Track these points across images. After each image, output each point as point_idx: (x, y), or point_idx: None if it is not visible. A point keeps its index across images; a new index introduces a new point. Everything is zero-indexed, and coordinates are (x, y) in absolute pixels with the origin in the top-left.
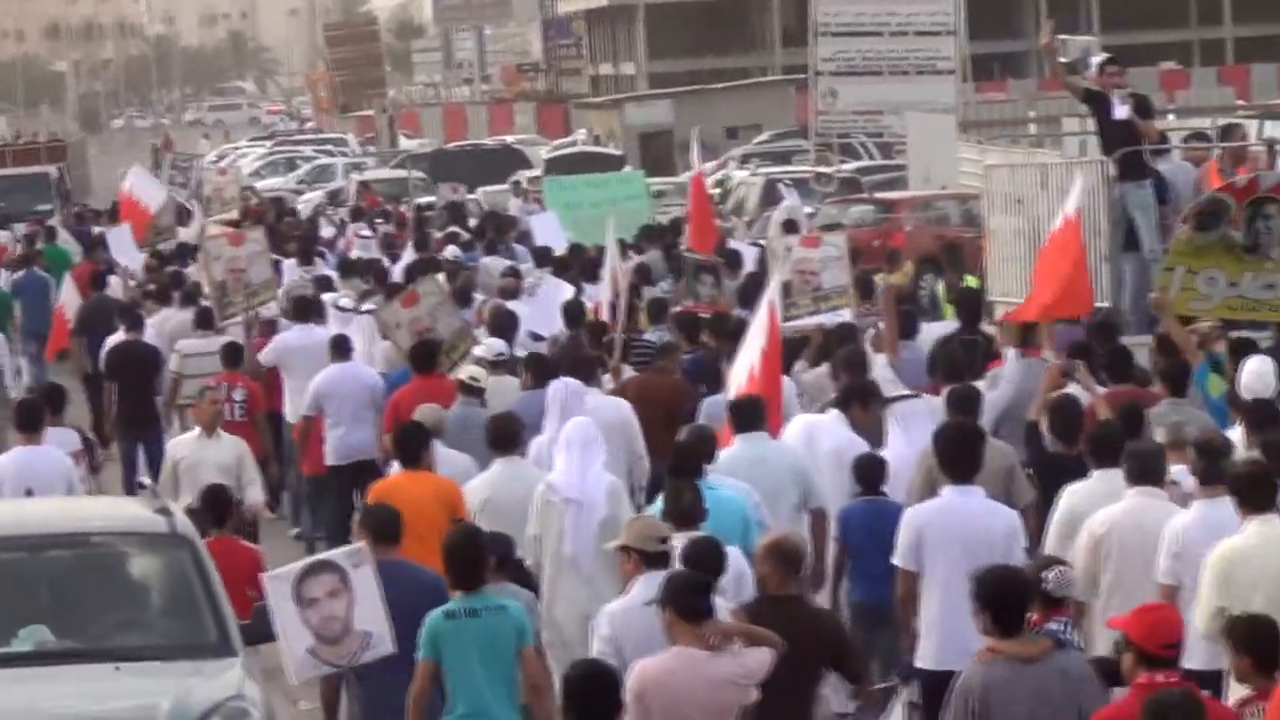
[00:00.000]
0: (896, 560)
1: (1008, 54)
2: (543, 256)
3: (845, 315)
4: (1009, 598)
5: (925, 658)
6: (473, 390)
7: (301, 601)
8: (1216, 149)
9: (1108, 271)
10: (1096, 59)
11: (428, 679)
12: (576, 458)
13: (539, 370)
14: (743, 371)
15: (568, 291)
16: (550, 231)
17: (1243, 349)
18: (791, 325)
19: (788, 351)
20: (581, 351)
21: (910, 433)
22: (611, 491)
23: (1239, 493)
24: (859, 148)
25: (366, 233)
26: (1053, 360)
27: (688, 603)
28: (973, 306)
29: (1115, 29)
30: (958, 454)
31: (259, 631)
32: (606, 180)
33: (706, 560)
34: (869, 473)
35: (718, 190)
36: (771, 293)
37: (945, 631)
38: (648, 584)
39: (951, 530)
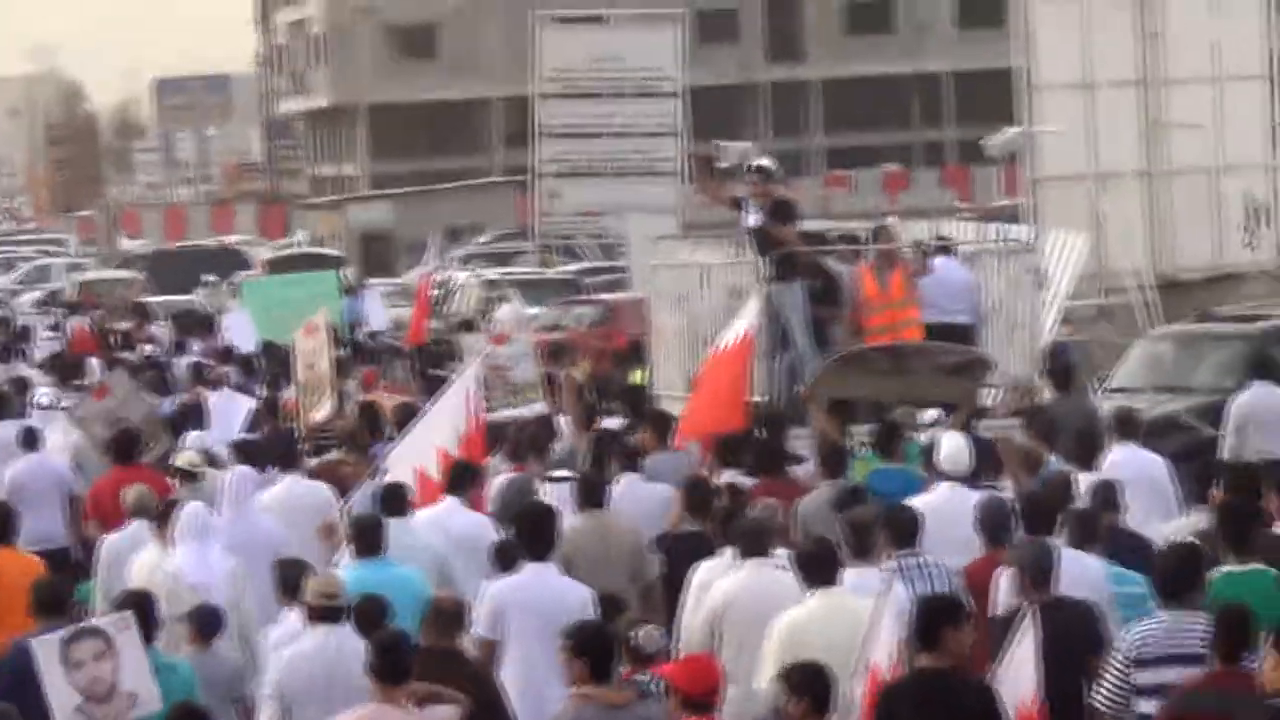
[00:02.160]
0: (478, 630)
1: None
2: (224, 355)
3: (538, 407)
4: (600, 649)
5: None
6: (191, 475)
7: (69, 664)
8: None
9: (761, 369)
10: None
11: None
12: (195, 545)
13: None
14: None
15: (243, 403)
16: (242, 331)
17: (891, 433)
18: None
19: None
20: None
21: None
22: (233, 575)
23: (802, 567)
24: (580, 250)
25: (49, 334)
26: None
27: (383, 666)
28: (635, 400)
29: (838, 130)
30: (534, 533)
31: None
32: (301, 280)
33: (370, 619)
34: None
35: (439, 291)
36: (468, 381)
37: (525, 692)
38: (315, 636)
39: (529, 604)
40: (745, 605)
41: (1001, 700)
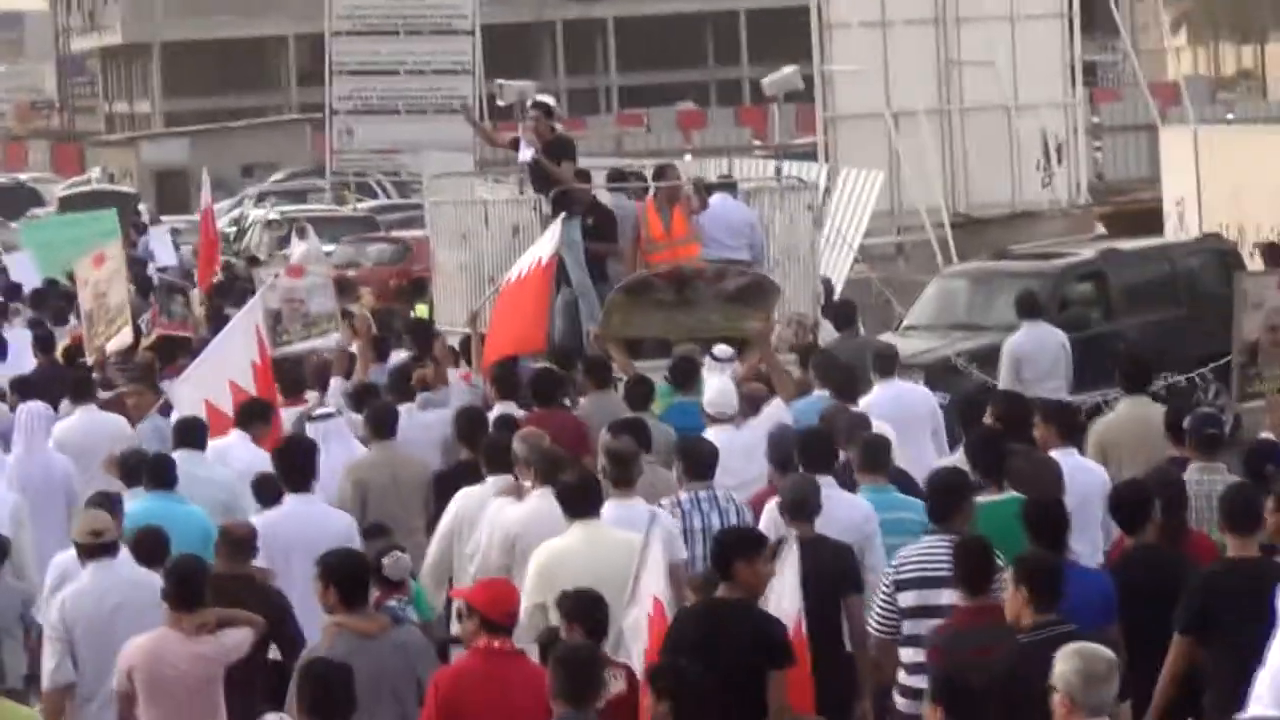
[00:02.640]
0: (260, 562)
1: None
2: (13, 292)
3: (334, 339)
4: (350, 576)
5: None
6: None
7: None
8: (652, 188)
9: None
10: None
11: None
12: None
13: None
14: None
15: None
16: (26, 270)
17: (688, 368)
18: (282, 351)
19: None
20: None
21: (329, 447)
22: (14, 511)
23: (562, 500)
24: (376, 186)
25: None
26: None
27: (175, 592)
28: (421, 334)
29: (633, 69)
30: (292, 466)
31: None
32: (79, 219)
33: (146, 552)
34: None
35: (234, 228)
36: (255, 315)
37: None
38: (89, 573)
39: (291, 535)
40: (539, 532)
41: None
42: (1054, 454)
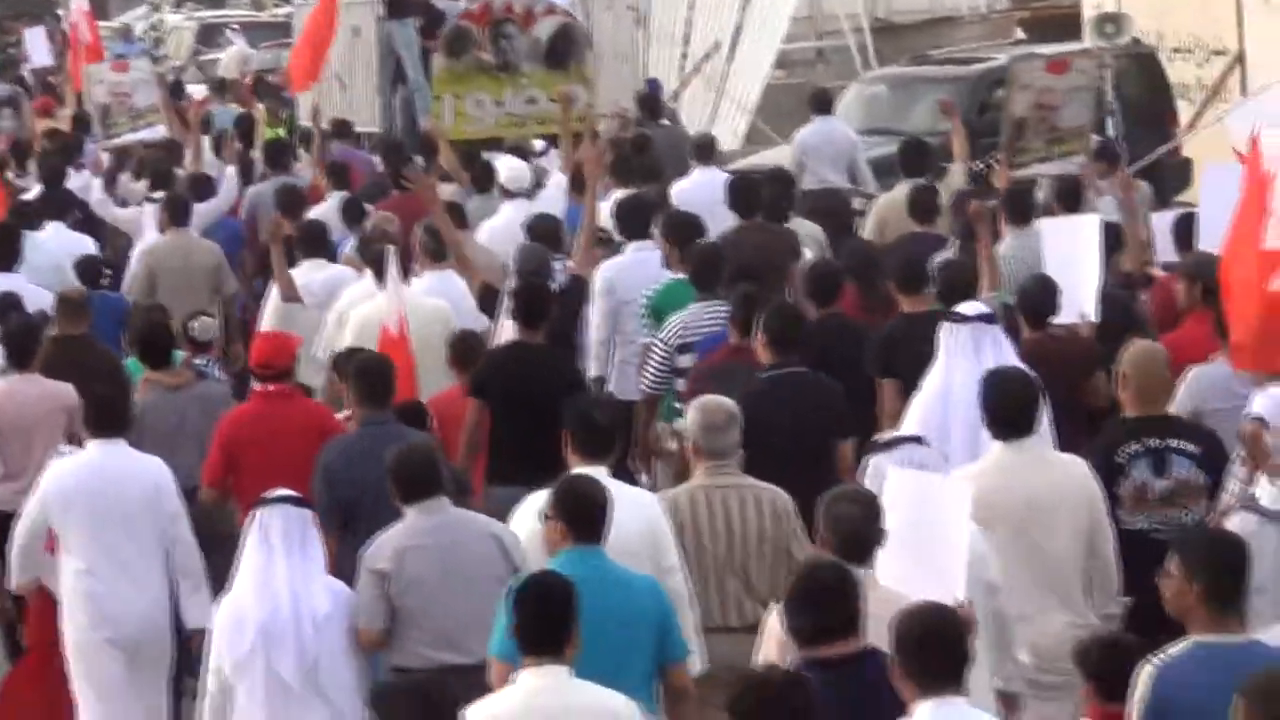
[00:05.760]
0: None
1: None
2: None
3: (160, 130)
4: (154, 341)
5: None
6: None
7: None
8: None
9: (379, 104)
10: None
11: None
12: None
13: None
14: None
15: None
16: None
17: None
18: (112, 143)
19: None
20: None
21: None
22: None
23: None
24: None
25: None
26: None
27: (11, 349)
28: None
29: None
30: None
31: None
32: None
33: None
34: None
35: (153, 34)
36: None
37: None
38: None
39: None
40: (374, 319)
41: None
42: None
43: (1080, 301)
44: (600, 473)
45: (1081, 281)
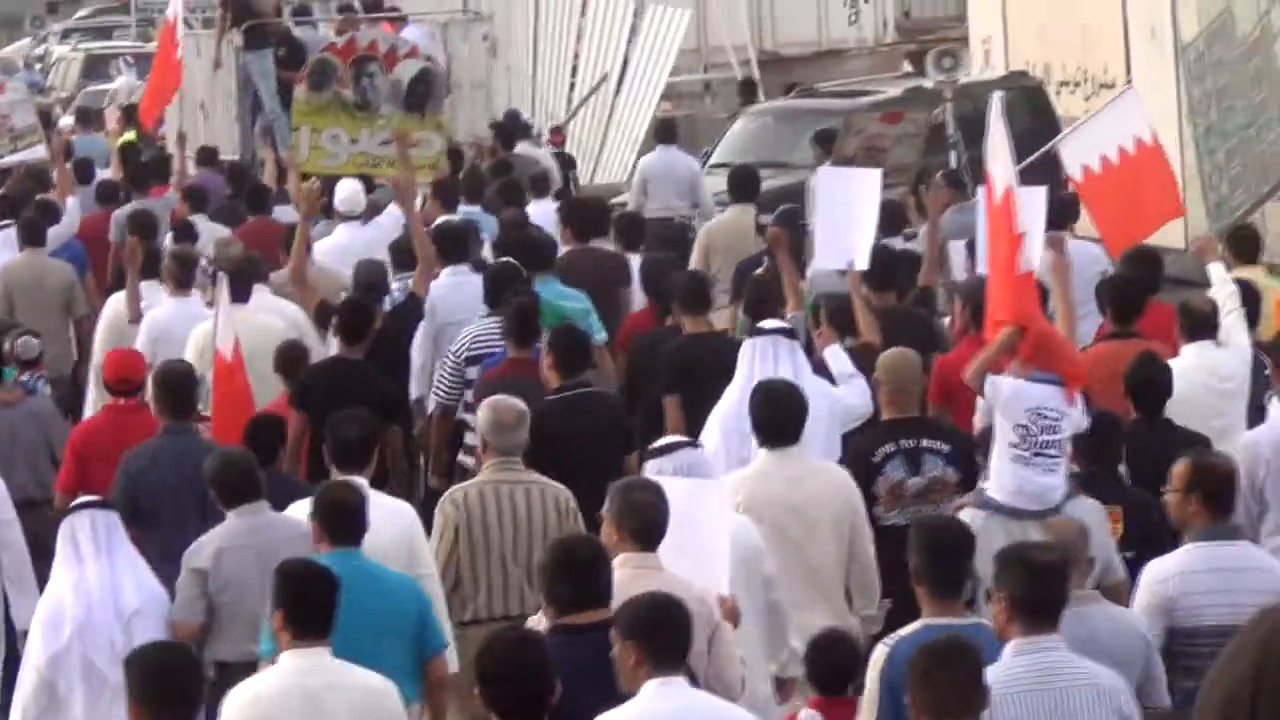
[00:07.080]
0: None
1: None
2: None
3: (41, 151)
4: None
5: None
6: None
7: None
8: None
9: (238, 131)
10: None
11: None
12: None
13: None
14: None
15: None
16: None
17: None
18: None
19: None
20: None
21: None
22: None
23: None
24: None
25: None
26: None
27: None
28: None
29: None
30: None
31: None
32: None
33: None
34: None
35: (39, 66)
36: None
37: None
38: None
39: None
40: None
41: None
42: None
43: (849, 249)
44: (359, 481)
45: (853, 230)
